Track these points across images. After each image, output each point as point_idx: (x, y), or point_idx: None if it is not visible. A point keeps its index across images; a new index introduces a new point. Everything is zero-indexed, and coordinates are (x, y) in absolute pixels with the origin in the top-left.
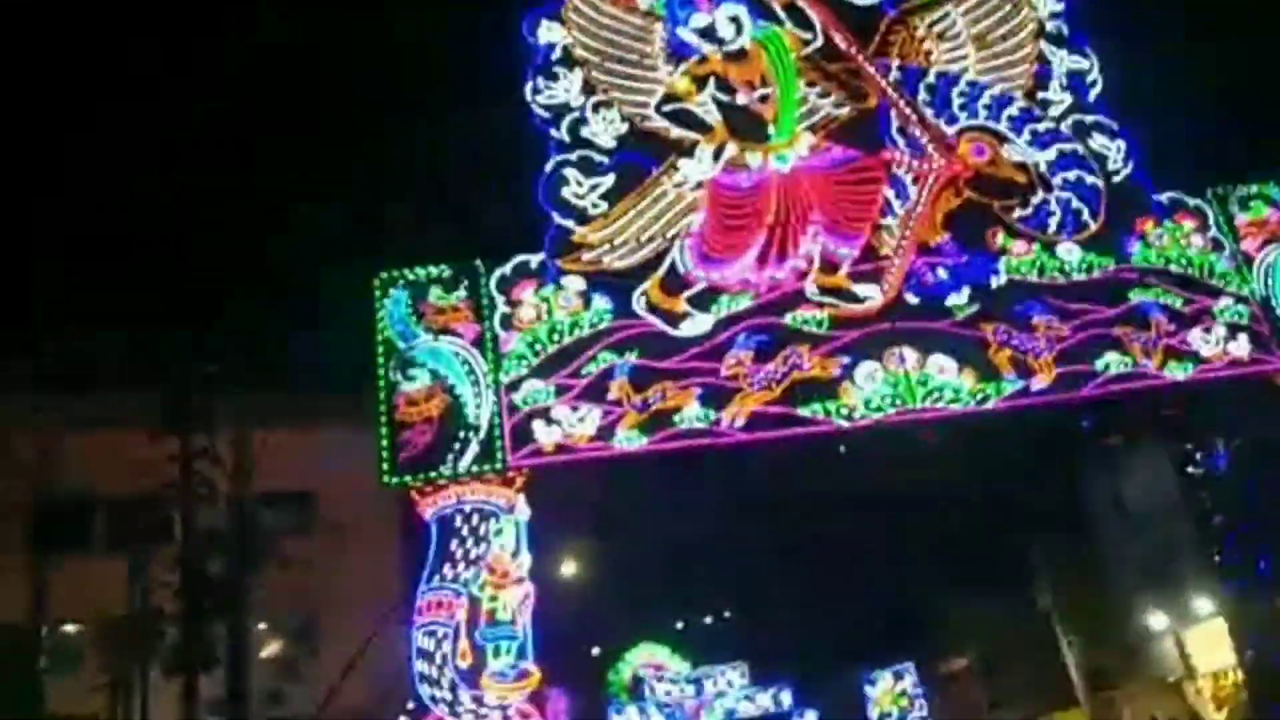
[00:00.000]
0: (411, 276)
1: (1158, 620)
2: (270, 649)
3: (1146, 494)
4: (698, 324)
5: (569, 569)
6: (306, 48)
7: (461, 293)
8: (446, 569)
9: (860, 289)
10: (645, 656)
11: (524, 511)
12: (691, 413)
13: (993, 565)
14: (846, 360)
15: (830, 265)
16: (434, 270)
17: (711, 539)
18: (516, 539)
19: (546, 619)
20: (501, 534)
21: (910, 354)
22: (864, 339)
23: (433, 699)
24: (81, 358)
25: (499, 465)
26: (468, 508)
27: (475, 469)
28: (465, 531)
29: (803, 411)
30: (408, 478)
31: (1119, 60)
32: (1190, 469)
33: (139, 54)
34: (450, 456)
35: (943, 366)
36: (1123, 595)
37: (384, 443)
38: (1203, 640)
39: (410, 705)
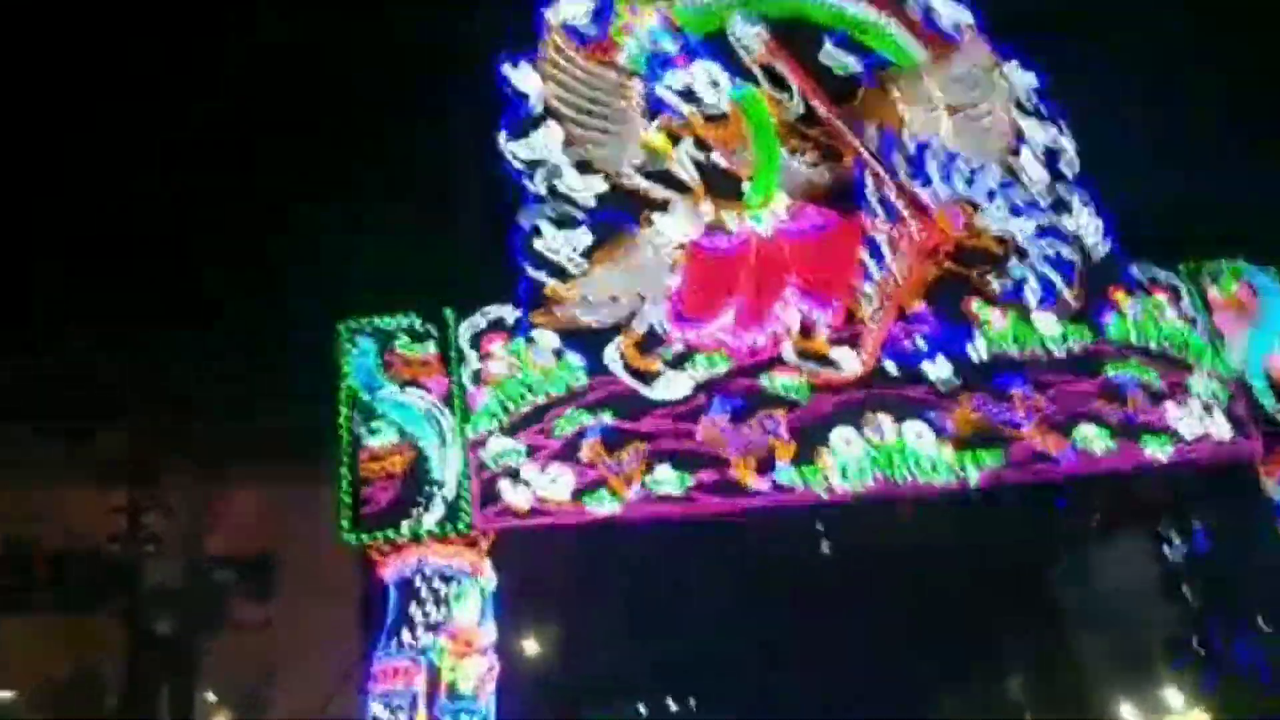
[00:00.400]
0: (380, 325)
1: (1130, 713)
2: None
3: (1117, 582)
4: (673, 384)
5: (530, 644)
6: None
7: (430, 346)
8: (405, 634)
9: (838, 355)
10: None
11: (490, 578)
12: (666, 477)
13: (965, 658)
14: (823, 427)
15: (808, 330)
16: (402, 320)
17: (673, 619)
18: (481, 606)
19: (507, 695)
20: (464, 599)
21: (888, 423)
22: (842, 406)
23: None
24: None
25: (464, 526)
26: (429, 570)
27: (439, 529)
28: (426, 595)
29: (781, 480)
30: (366, 536)
31: (1094, 136)
32: (1168, 552)
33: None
34: (413, 514)
35: (921, 435)
36: (1094, 687)
37: (345, 498)
38: None
39: None
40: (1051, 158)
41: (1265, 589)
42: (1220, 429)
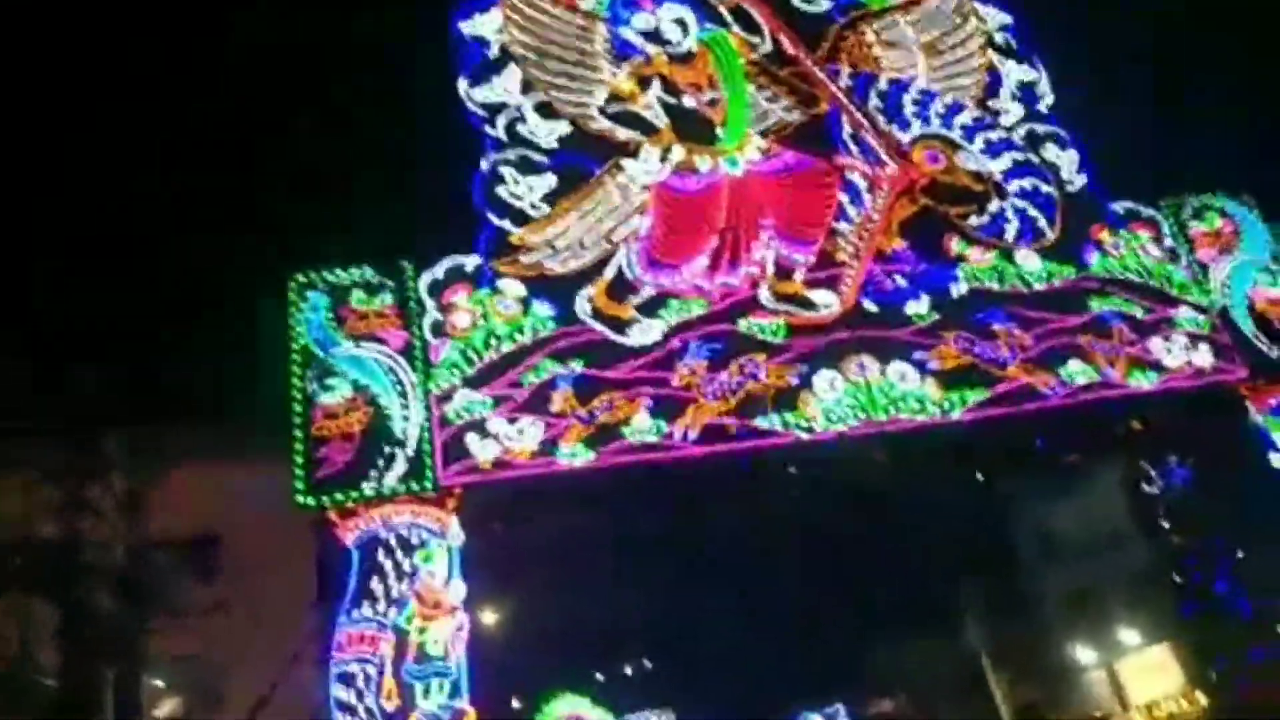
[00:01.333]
0: (332, 279)
1: (1087, 654)
2: (167, 706)
3: (1078, 524)
4: (646, 331)
5: (490, 609)
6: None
7: (387, 297)
8: (369, 600)
9: (817, 296)
10: (566, 709)
11: (457, 535)
12: (641, 425)
13: (921, 603)
14: (804, 369)
15: (785, 272)
16: (356, 273)
17: (634, 578)
18: (449, 565)
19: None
20: (432, 560)
21: (871, 363)
22: (823, 347)
23: None
24: None
25: (429, 483)
26: (393, 531)
27: (402, 488)
28: (390, 558)
29: (761, 423)
30: (325, 498)
31: (1069, 72)
32: (1146, 487)
33: None
34: (374, 474)
35: (905, 375)
36: (1052, 630)
37: (298, 460)
38: (1137, 670)
39: None
40: (1027, 93)
41: (1248, 518)
42: (1205, 359)
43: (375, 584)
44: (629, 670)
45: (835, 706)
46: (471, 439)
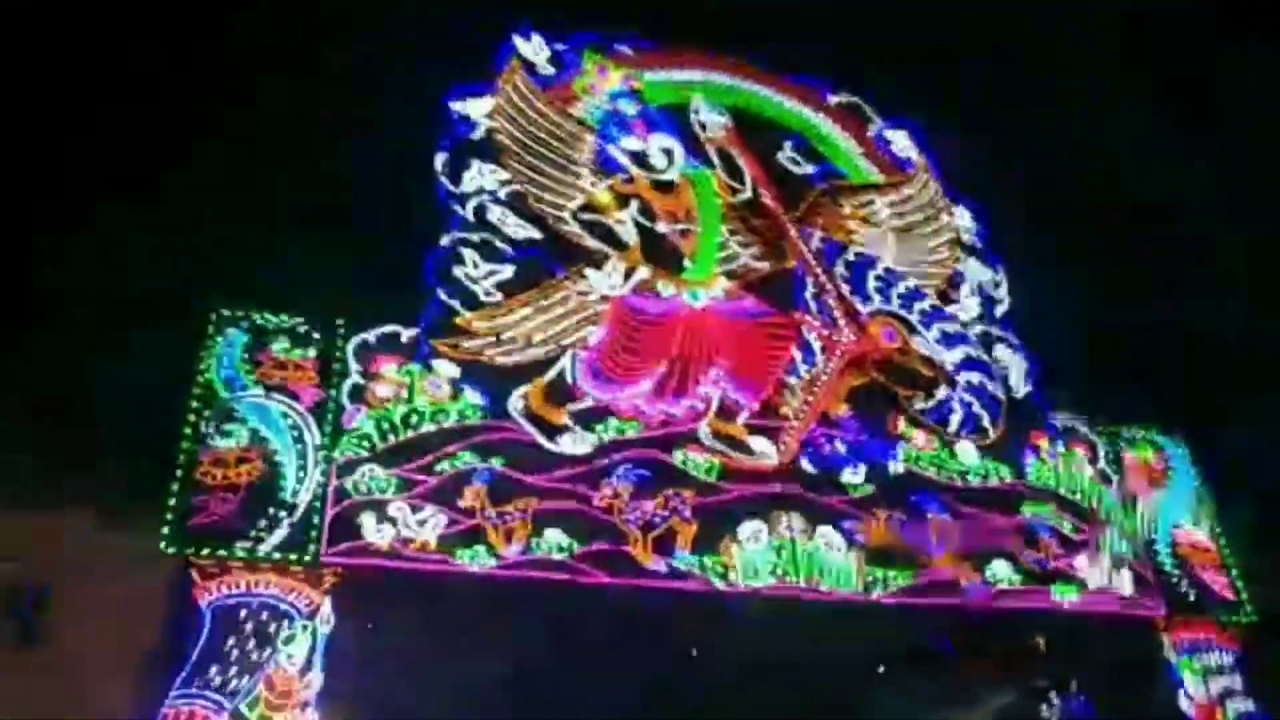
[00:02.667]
0: (258, 320)
1: None
2: None
3: None
4: (578, 442)
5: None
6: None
7: (311, 351)
8: (212, 673)
9: (756, 444)
10: None
11: (328, 621)
12: (554, 540)
13: None
14: (732, 516)
15: (728, 413)
16: (285, 319)
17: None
18: (310, 652)
19: None
20: (293, 642)
21: (799, 523)
22: (754, 497)
23: None
24: None
25: (309, 557)
26: (258, 602)
27: (279, 556)
28: (248, 631)
29: (679, 565)
30: (192, 550)
31: (1026, 284)
32: (1045, 711)
33: None
34: (253, 535)
35: (831, 543)
36: None
37: (172, 502)
38: None
39: None
40: (986, 296)
41: None
42: (1126, 587)
43: (223, 658)
44: None
45: None
46: (366, 519)
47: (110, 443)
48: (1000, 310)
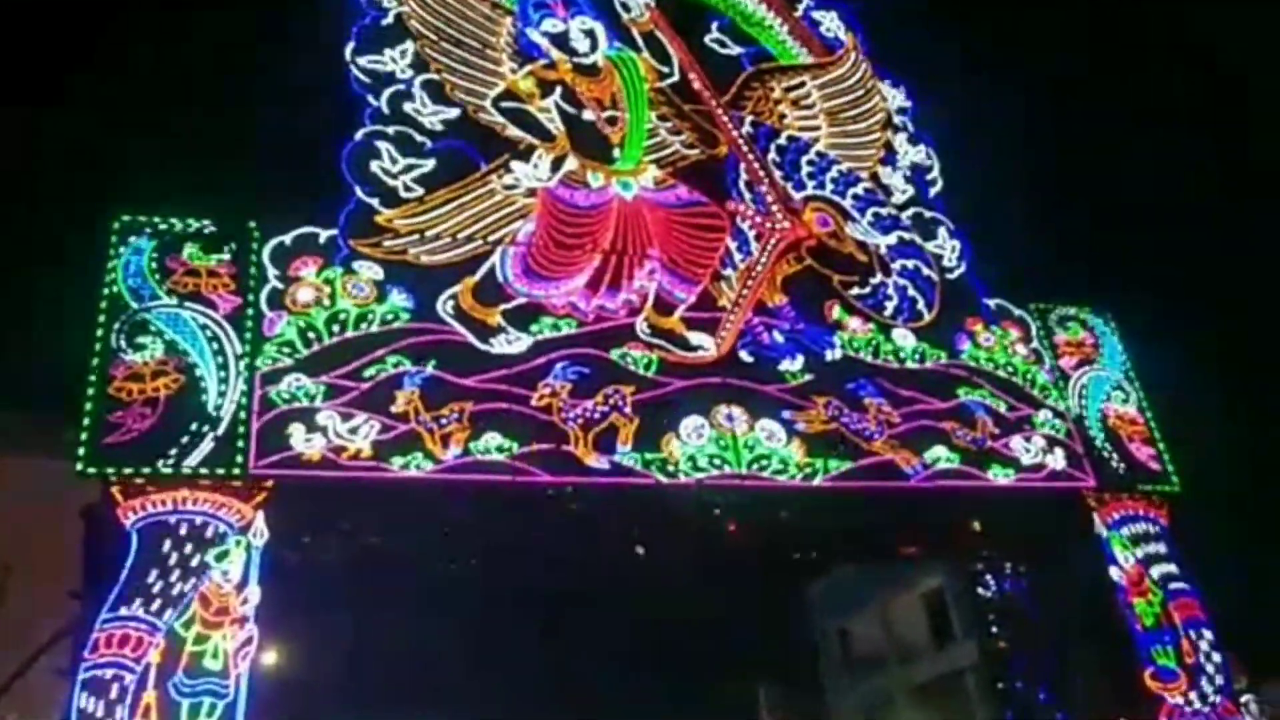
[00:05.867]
0: (162, 225)
1: None
2: None
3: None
4: (512, 342)
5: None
6: None
7: (224, 255)
8: (142, 596)
9: (694, 337)
10: None
11: (261, 534)
12: (491, 442)
13: (721, 703)
14: (672, 410)
15: (665, 306)
16: (193, 223)
17: (447, 615)
18: (245, 567)
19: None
20: (227, 558)
21: (740, 414)
22: (693, 390)
23: None
24: None
25: (238, 470)
26: (186, 519)
27: (206, 470)
28: (177, 549)
29: (621, 461)
30: (111, 469)
31: (959, 163)
32: (981, 590)
33: None
34: (174, 451)
35: (772, 433)
36: None
37: (86, 421)
38: None
39: None
40: (919, 177)
41: (1082, 628)
42: (1059, 463)
43: (153, 578)
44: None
45: None
46: (295, 429)
47: (15, 363)
48: (933, 191)
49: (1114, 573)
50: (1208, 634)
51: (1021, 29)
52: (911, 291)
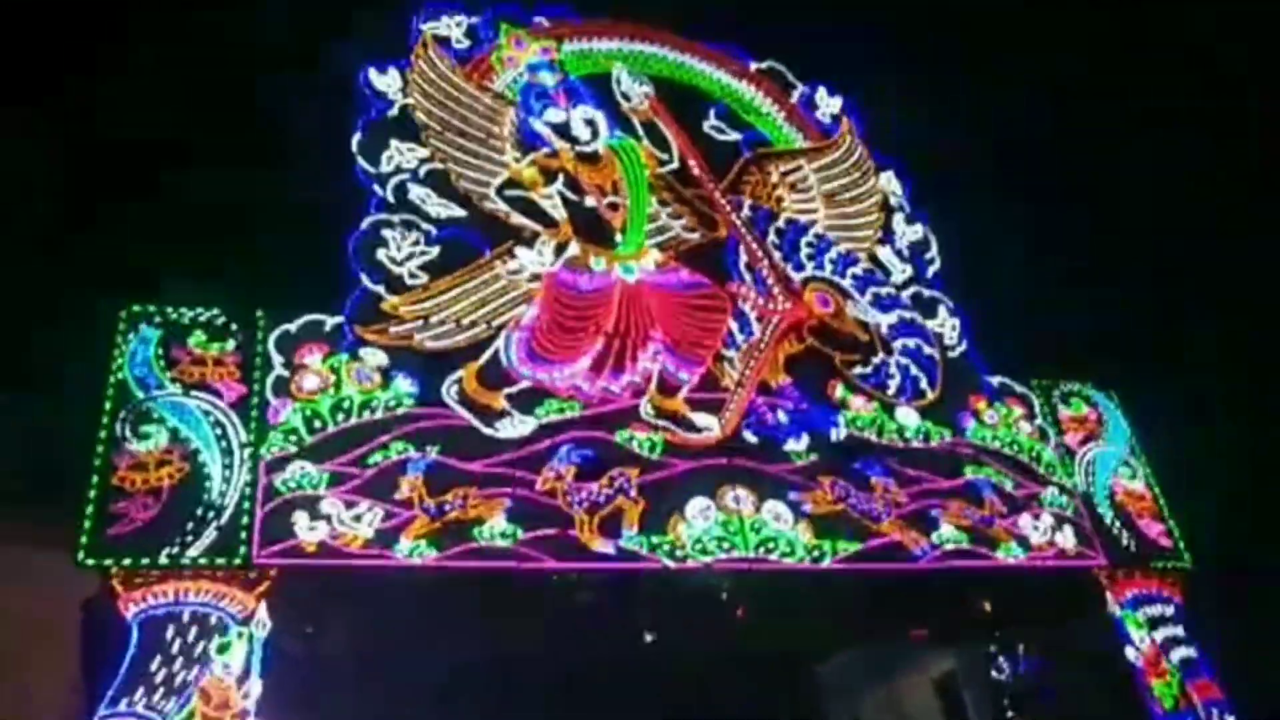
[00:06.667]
0: (171, 315)
1: None
2: None
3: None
4: (517, 426)
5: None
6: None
7: (230, 344)
8: (142, 690)
9: (698, 418)
10: None
11: (263, 624)
12: (496, 528)
13: None
14: (678, 492)
15: (669, 388)
16: (201, 312)
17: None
18: (247, 659)
19: None
20: (229, 649)
21: (746, 496)
22: (699, 472)
23: None
24: None
25: (240, 560)
26: (188, 611)
27: (208, 560)
28: (179, 640)
29: (626, 544)
30: (111, 559)
31: (956, 243)
32: (994, 672)
33: None
34: (177, 541)
35: (779, 515)
36: None
37: (88, 510)
38: None
39: None
40: (918, 257)
41: (1099, 711)
42: (1068, 542)
43: (154, 670)
44: None
45: None
46: (299, 517)
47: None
48: (931, 270)
49: (1130, 653)
50: (1230, 718)
51: (1010, 103)
52: (914, 370)
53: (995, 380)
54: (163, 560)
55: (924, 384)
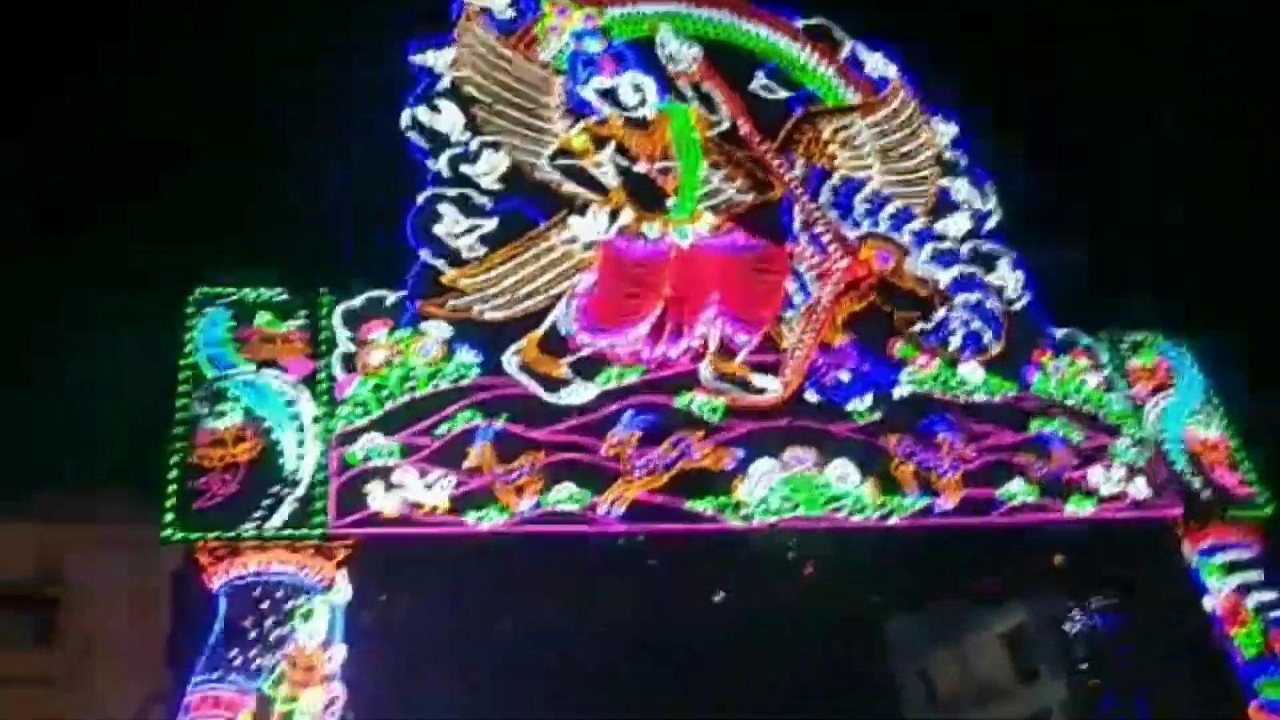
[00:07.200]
0: (237, 296)
1: None
2: None
3: (965, 670)
4: (579, 393)
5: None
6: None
7: (297, 322)
8: (233, 657)
9: (758, 380)
10: None
11: (344, 593)
12: (564, 493)
13: None
14: (741, 454)
15: (728, 351)
16: (266, 292)
17: (528, 671)
18: (330, 626)
19: None
20: (311, 617)
21: (810, 456)
22: (761, 433)
23: None
24: None
25: (319, 531)
26: (270, 580)
27: (288, 532)
28: (263, 610)
29: (692, 506)
30: (196, 534)
31: (1016, 194)
32: (1066, 626)
33: None
34: (257, 514)
35: (844, 474)
36: None
37: (172, 489)
38: None
39: None
40: (976, 210)
41: (1176, 663)
42: (1142, 492)
43: (241, 640)
44: None
45: None
46: (373, 488)
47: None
48: (991, 223)
49: (1207, 602)
50: None
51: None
52: (976, 325)
53: (1059, 333)
54: (245, 533)
55: (987, 338)
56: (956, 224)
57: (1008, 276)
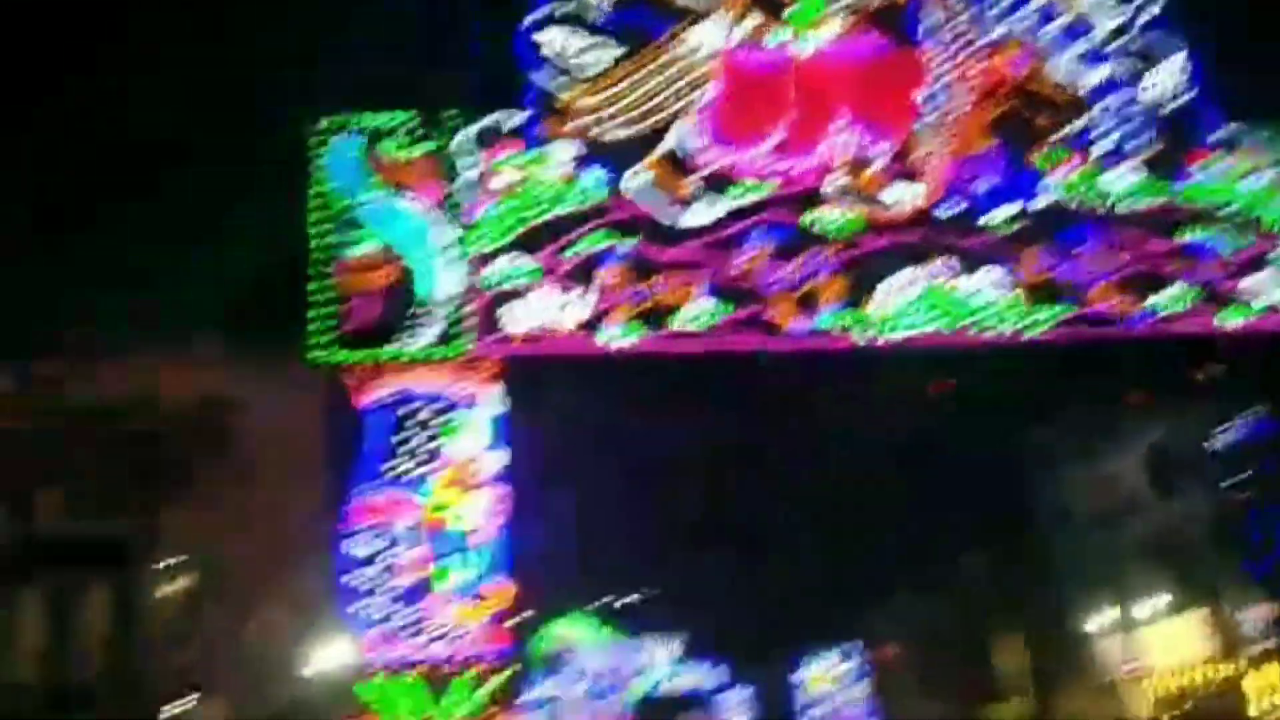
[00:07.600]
0: (365, 122)
1: (1102, 621)
2: (175, 585)
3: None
4: (706, 211)
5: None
6: None
7: (426, 147)
8: (387, 468)
9: (892, 193)
10: (570, 631)
11: (493, 405)
12: (694, 311)
13: (934, 553)
14: (874, 269)
15: (859, 164)
16: (393, 117)
17: (652, 495)
18: (485, 434)
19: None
20: (457, 430)
21: (954, 266)
22: (896, 248)
23: (368, 620)
24: None
25: (459, 350)
26: (418, 397)
27: (432, 351)
28: (414, 423)
29: (825, 323)
30: (344, 354)
31: None
32: (1209, 441)
33: None
34: (401, 335)
35: (990, 282)
36: (1066, 595)
37: (318, 313)
38: (1160, 638)
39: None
40: (1126, 5)
41: None
42: None
43: (397, 452)
44: (641, 594)
45: (854, 644)
46: (510, 308)
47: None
48: (1146, 17)
49: None
50: None
51: None
52: (1125, 128)
53: (1220, 132)
54: (392, 353)
55: (1135, 143)
56: (1108, 18)
57: (1164, 73)
